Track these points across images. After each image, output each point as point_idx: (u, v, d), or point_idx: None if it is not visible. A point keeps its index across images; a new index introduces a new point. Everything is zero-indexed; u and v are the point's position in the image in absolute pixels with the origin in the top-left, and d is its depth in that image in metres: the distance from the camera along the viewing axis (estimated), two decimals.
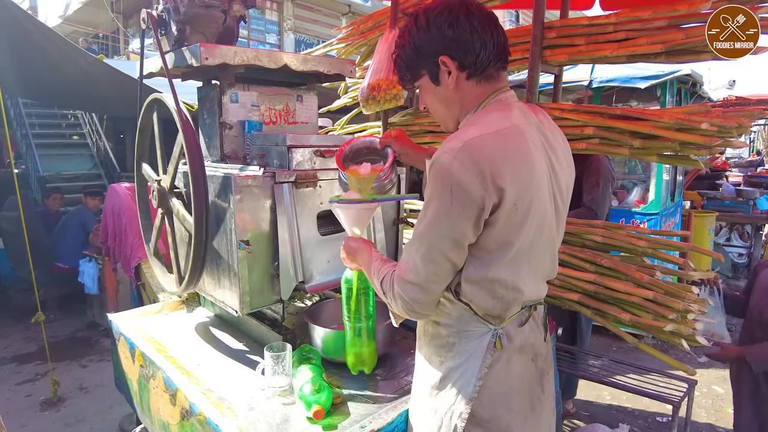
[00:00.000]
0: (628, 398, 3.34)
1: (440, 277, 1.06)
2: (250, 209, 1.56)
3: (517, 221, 1.02)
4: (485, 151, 0.97)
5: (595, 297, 1.93)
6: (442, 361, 1.15)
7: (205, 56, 1.60)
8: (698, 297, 1.77)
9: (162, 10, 1.84)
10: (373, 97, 2.34)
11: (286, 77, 1.94)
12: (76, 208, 5.52)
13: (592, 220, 2.06)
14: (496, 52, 1.07)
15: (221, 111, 1.80)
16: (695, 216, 5.28)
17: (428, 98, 1.18)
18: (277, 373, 1.48)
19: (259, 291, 1.62)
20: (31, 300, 3.44)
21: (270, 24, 12.53)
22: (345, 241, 1.35)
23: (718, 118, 1.59)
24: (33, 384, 3.66)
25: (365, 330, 1.48)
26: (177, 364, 1.68)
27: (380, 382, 1.57)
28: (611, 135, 1.82)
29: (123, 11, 11.20)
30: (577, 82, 4.36)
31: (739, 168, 9.48)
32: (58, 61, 4.55)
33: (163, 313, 2.18)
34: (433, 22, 1.06)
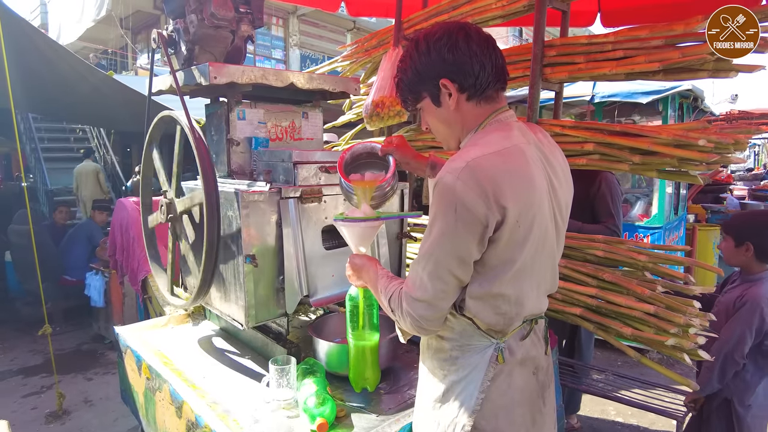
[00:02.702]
0: (634, 413, 3.31)
1: (447, 294, 1.08)
2: (257, 224, 1.59)
3: (520, 238, 1.05)
4: (487, 171, 1.00)
5: (597, 311, 1.94)
6: (445, 375, 1.17)
7: (214, 75, 1.65)
8: (699, 311, 1.78)
9: (172, 31, 1.90)
10: (377, 113, 2.39)
11: (292, 95, 1.98)
12: (83, 221, 5.59)
13: (594, 235, 2.08)
14: (495, 73, 1.11)
15: (229, 128, 1.84)
16: (699, 230, 5.27)
17: (430, 119, 1.22)
18: (282, 386, 1.50)
19: (265, 305, 1.64)
20: (37, 312, 3.47)
21: (276, 40, 12.70)
22: (350, 258, 1.37)
23: (715, 135, 1.61)
24: (39, 397, 3.67)
25: (369, 349, 1.49)
26: (183, 377, 1.70)
27: (383, 396, 1.59)
28: (611, 151, 1.85)
29: (132, 27, 11.40)
30: (579, 97, 4.40)
31: (744, 181, 9.47)
32: (69, 78, 4.64)
33: (170, 326, 2.20)
34: (433, 47, 1.10)
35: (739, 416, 2.02)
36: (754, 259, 2.03)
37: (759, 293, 1.99)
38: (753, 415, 2.02)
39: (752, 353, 2.01)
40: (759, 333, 1.97)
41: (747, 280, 2.06)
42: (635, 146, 1.78)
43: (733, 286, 2.12)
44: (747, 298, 1.99)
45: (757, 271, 2.04)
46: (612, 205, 2.63)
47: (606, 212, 2.63)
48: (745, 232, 2.04)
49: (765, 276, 2.04)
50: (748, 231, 2.05)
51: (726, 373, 1.99)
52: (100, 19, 10.81)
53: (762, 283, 2.02)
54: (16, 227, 5.14)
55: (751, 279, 2.05)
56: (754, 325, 1.95)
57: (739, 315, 1.98)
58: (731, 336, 1.96)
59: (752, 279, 2.05)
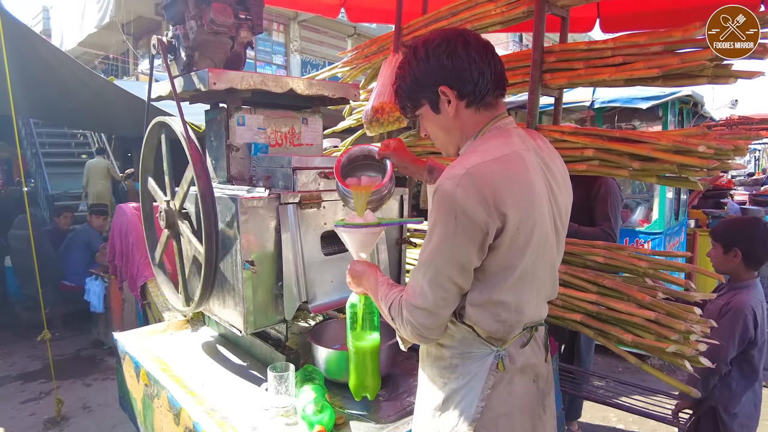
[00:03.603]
0: (635, 420, 3.29)
1: (448, 302, 1.07)
2: (256, 230, 1.58)
3: (520, 245, 1.04)
4: (487, 178, 1.00)
5: (597, 317, 1.93)
6: (445, 383, 1.16)
7: (213, 81, 1.65)
8: (701, 318, 1.77)
9: (172, 37, 1.90)
10: (376, 119, 2.39)
11: (292, 101, 1.98)
12: (80, 227, 5.58)
13: (593, 241, 2.07)
14: (494, 80, 1.10)
15: (228, 133, 1.84)
16: (700, 235, 5.26)
17: (429, 126, 1.21)
18: (281, 393, 1.49)
19: (263, 311, 1.64)
20: (37, 318, 3.46)
21: (277, 45, 12.76)
22: (350, 264, 1.36)
23: (715, 141, 1.61)
24: (37, 403, 3.65)
25: (369, 357, 1.48)
26: (181, 384, 1.69)
27: (383, 403, 1.58)
28: (611, 157, 1.85)
29: (133, 33, 11.45)
30: (579, 102, 4.41)
31: (744, 186, 9.47)
32: (70, 83, 4.66)
33: (168, 332, 2.20)
34: (432, 54, 1.10)
35: (725, 424, 2.01)
36: (742, 265, 2.03)
37: (744, 301, 1.99)
38: (739, 424, 2.02)
39: (737, 361, 2.00)
40: (743, 341, 1.97)
41: (734, 287, 2.06)
42: (635, 152, 1.78)
43: (721, 293, 2.11)
44: (732, 306, 1.99)
45: (744, 278, 2.05)
46: (610, 208, 2.63)
47: (603, 215, 2.64)
48: (734, 238, 2.04)
49: (752, 283, 2.04)
50: (736, 237, 2.04)
51: (709, 380, 1.99)
52: (103, 25, 10.86)
53: (748, 291, 2.02)
54: (16, 232, 5.14)
55: (737, 287, 2.05)
56: (738, 333, 1.95)
57: (724, 322, 1.97)
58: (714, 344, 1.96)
59: (739, 286, 2.05)
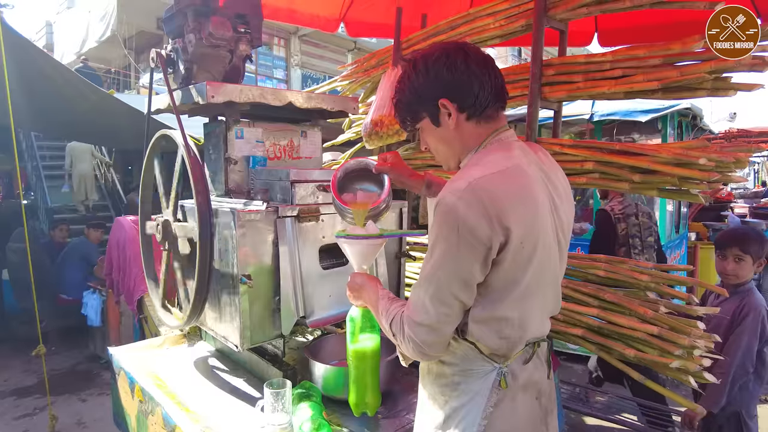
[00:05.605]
0: None
1: (451, 318, 1.05)
2: (253, 244, 1.57)
3: (524, 259, 1.03)
4: (490, 191, 0.98)
5: (599, 332, 1.90)
6: (447, 401, 1.13)
7: (212, 94, 1.65)
8: (704, 332, 1.75)
9: (171, 50, 1.90)
10: (376, 132, 2.38)
11: (291, 114, 1.98)
12: (77, 240, 5.56)
13: (595, 254, 2.06)
14: (494, 93, 1.09)
15: (226, 146, 1.83)
16: (701, 248, 5.24)
17: (429, 139, 1.20)
18: (277, 410, 1.46)
19: (260, 326, 1.61)
20: (34, 331, 3.42)
21: (277, 59, 12.85)
22: (351, 277, 1.34)
23: (716, 153, 1.60)
24: (31, 419, 3.60)
25: (369, 372, 1.45)
26: (176, 400, 1.66)
27: (381, 421, 1.55)
28: (611, 170, 1.84)
29: (135, 47, 11.54)
30: (578, 115, 4.42)
31: (745, 199, 9.46)
32: (71, 97, 4.67)
33: (165, 347, 2.16)
34: (431, 67, 1.09)
35: (749, 428, 2.09)
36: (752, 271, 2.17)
37: (757, 301, 2.12)
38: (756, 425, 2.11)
39: None
40: (761, 339, 2.08)
41: (738, 291, 2.17)
42: (635, 165, 1.76)
43: (721, 299, 2.20)
44: (749, 308, 2.09)
45: (747, 282, 2.17)
46: None
47: None
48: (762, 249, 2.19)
49: (751, 284, 2.18)
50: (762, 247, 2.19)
51: (735, 385, 2.05)
52: (105, 39, 10.95)
53: (754, 292, 2.15)
54: (13, 245, 5.13)
55: (742, 290, 2.16)
56: (758, 332, 2.06)
57: (745, 325, 2.07)
58: (740, 346, 2.03)
59: (744, 290, 2.16)
